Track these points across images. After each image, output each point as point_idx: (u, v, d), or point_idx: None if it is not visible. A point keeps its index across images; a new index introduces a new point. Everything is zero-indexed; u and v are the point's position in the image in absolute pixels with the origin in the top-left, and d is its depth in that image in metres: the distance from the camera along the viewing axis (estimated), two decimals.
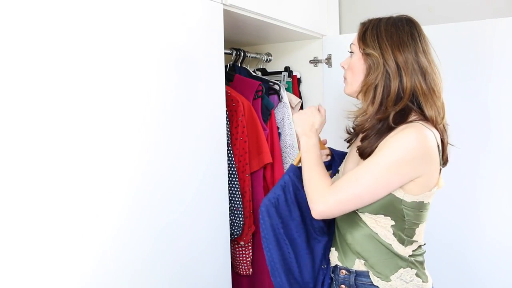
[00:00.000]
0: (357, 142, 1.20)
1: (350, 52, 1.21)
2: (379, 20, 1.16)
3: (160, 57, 1.14)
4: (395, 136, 1.05)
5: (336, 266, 1.21)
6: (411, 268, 1.13)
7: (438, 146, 1.08)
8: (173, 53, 1.18)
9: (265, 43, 2.10)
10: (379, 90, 1.11)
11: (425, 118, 1.10)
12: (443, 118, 1.13)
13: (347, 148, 1.31)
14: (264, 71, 2.05)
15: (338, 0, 2.11)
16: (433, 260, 1.58)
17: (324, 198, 1.08)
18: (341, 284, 1.18)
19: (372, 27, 1.15)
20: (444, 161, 1.13)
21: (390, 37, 1.12)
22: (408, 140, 1.03)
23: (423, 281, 1.13)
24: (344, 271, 1.18)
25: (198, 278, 1.28)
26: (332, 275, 1.23)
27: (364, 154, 1.11)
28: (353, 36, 1.22)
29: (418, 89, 1.09)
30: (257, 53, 1.96)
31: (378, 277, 1.13)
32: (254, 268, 1.68)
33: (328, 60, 1.97)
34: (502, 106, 1.67)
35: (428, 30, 1.23)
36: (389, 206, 1.09)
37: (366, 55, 1.14)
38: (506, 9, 1.81)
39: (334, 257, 1.22)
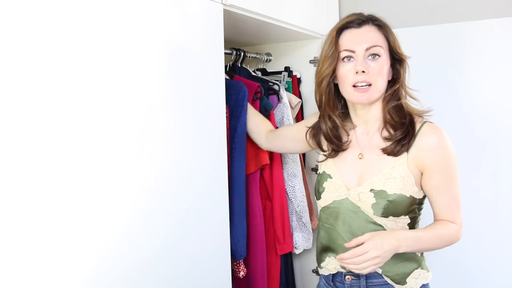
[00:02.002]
0: (345, 154, 1.22)
1: (374, 54, 1.13)
2: (382, 19, 1.21)
3: (159, 57, 1.13)
4: (443, 142, 1.12)
5: (337, 272, 1.20)
6: (419, 266, 1.15)
7: None
8: (173, 53, 1.17)
9: (265, 43, 2.10)
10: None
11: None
12: None
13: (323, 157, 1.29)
14: (264, 71, 2.05)
15: (338, 0, 2.11)
16: (432, 260, 1.57)
17: (460, 232, 1.15)
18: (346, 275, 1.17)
19: (389, 29, 1.19)
20: None
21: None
22: (445, 141, 1.14)
23: (427, 271, 1.19)
24: (350, 277, 1.17)
25: (199, 280, 1.28)
26: (332, 283, 1.22)
27: (394, 153, 1.14)
28: None
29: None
30: (257, 53, 1.96)
31: (392, 281, 1.14)
32: (248, 270, 1.66)
33: None
34: (503, 106, 1.67)
35: (428, 30, 1.24)
36: (411, 206, 1.12)
37: (396, 55, 1.17)
38: (506, 9, 1.81)
39: (335, 264, 1.20)
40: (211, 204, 1.32)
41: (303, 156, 2.02)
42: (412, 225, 1.16)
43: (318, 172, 1.28)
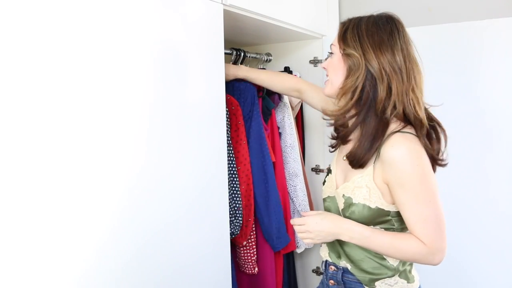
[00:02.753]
0: (345, 148, 1.20)
1: (330, 53, 1.17)
2: (359, 20, 1.13)
3: (159, 57, 1.14)
4: (395, 159, 1.03)
5: (326, 261, 1.23)
6: (397, 275, 1.14)
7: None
8: (173, 53, 1.18)
9: (265, 43, 2.10)
10: (364, 93, 1.07)
11: (404, 120, 1.08)
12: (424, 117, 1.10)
13: (332, 151, 1.29)
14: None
15: (338, 0, 2.11)
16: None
17: (431, 254, 1.06)
18: (330, 279, 1.20)
19: (353, 27, 1.11)
20: (441, 161, 1.13)
21: (372, 37, 1.08)
22: (413, 153, 1.03)
23: (408, 282, 1.15)
24: (332, 267, 1.20)
25: (199, 278, 1.28)
26: (325, 270, 1.25)
27: (356, 163, 1.09)
28: None
29: (401, 90, 1.06)
30: (257, 53, 1.96)
31: (362, 282, 1.14)
32: (258, 267, 1.68)
33: None
34: (503, 106, 1.67)
35: (428, 30, 1.23)
36: (380, 217, 1.10)
37: (346, 55, 1.10)
38: (506, 9, 1.81)
39: (325, 253, 1.23)
40: (211, 201, 1.32)
41: (303, 156, 2.03)
42: None
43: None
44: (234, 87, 1.66)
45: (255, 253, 1.65)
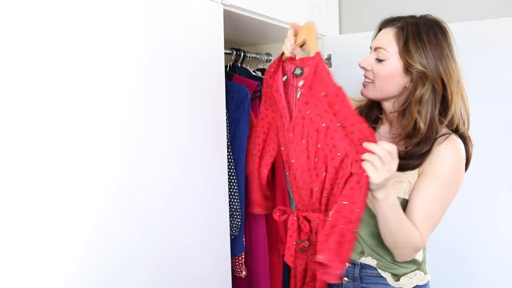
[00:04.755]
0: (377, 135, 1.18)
1: (378, 59, 1.10)
2: (416, 26, 1.09)
3: (159, 57, 1.13)
4: (445, 154, 1.05)
5: None
6: (418, 268, 1.15)
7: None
8: (173, 53, 1.17)
9: (265, 43, 2.10)
10: (428, 107, 1.06)
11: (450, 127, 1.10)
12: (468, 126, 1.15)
13: None
14: (264, 71, 2.05)
15: (338, 0, 2.11)
16: (434, 258, 1.57)
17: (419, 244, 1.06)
18: (345, 277, 1.19)
19: (414, 37, 1.06)
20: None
21: (435, 48, 1.06)
22: (460, 156, 1.08)
23: (424, 274, 1.17)
24: (347, 264, 1.18)
25: (198, 279, 1.28)
26: None
27: (408, 168, 1.08)
28: (356, 36, 1.19)
29: (458, 100, 1.09)
30: (257, 53, 1.96)
31: (385, 277, 1.14)
32: (249, 270, 1.66)
33: (328, 60, 1.96)
34: (502, 106, 1.67)
35: None
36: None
37: (410, 68, 1.06)
38: (506, 9, 1.81)
39: None
40: (212, 205, 1.32)
41: None
42: None
43: None
44: (227, 88, 1.63)
45: (243, 256, 1.62)
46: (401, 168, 1.05)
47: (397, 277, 1.14)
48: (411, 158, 1.07)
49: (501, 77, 1.66)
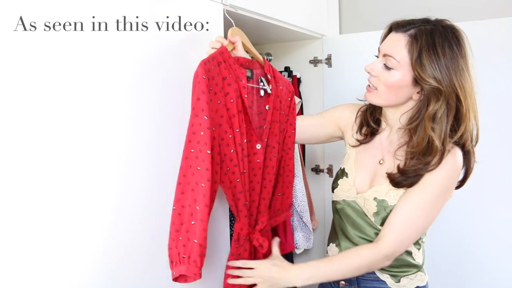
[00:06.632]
0: (370, 146, 1.18)
1: (386, 66, 1.06)
2: (431, 35, 1.01)
3: (159, 57, 1.13)
4: (441, 163, 1.02)
5: None
6: (419, 270, 1.16)
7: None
8: (173, 54, 1.17)
9: (265, 43, 2.10)
10: (443, 124, 1.01)
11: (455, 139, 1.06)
12: (475, 141, 1.09)
13: (351, 146, 1.25)
14: None
15: (338, 0, 2.11)
16: (434, 258, 1.57)
17: (380, 256, 1.06)
18: (341, 281, 1.18)
19: (429, 47, 1.00)
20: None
21: (450, 61, 1.01)
22: (455, 168, 1.05)
23: (424, 274, 1.18)
24: None
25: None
26: None
27: (403, 185, 1.06)
28: (356, 36, 1.18)
29: (472, 116, 1.04)
30: None
31: (385, 280, 1.14)
32: None
33: (328, 60, 1.97)
34: (502, 107, 1.67)
35: None
36: None
37: (422, 81, 1.00)
38: (506, 9, 1.81)
39: (334, 252, 1.22)
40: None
41: (303, 156, 2.03)
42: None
43: (340, 167, 1.26)
44: None
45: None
46: (397, 184, 1.06)
47: (397, 278, 1.14)
48: (415, 176, 1.04)
49: (501, 77, 1.66)
